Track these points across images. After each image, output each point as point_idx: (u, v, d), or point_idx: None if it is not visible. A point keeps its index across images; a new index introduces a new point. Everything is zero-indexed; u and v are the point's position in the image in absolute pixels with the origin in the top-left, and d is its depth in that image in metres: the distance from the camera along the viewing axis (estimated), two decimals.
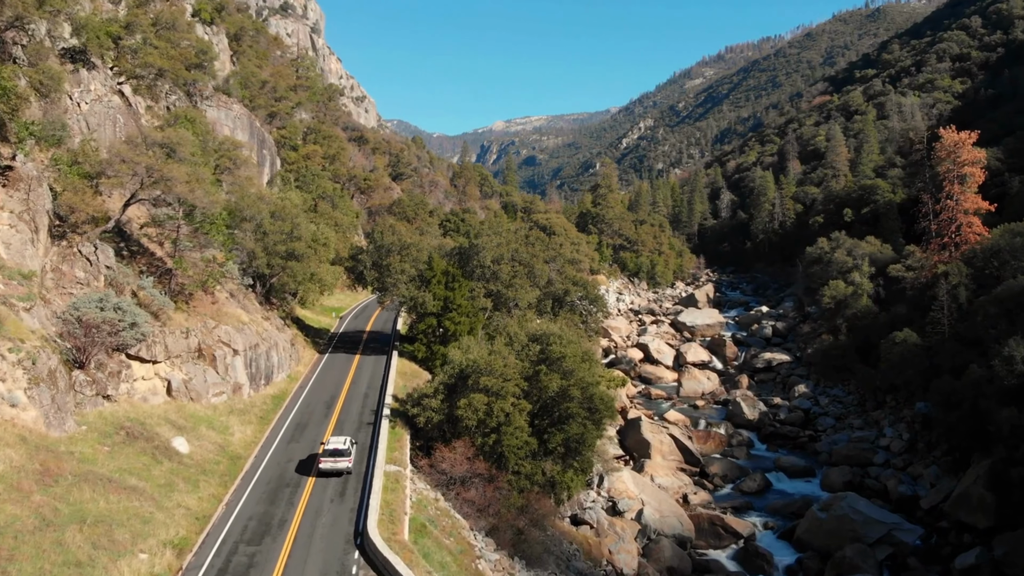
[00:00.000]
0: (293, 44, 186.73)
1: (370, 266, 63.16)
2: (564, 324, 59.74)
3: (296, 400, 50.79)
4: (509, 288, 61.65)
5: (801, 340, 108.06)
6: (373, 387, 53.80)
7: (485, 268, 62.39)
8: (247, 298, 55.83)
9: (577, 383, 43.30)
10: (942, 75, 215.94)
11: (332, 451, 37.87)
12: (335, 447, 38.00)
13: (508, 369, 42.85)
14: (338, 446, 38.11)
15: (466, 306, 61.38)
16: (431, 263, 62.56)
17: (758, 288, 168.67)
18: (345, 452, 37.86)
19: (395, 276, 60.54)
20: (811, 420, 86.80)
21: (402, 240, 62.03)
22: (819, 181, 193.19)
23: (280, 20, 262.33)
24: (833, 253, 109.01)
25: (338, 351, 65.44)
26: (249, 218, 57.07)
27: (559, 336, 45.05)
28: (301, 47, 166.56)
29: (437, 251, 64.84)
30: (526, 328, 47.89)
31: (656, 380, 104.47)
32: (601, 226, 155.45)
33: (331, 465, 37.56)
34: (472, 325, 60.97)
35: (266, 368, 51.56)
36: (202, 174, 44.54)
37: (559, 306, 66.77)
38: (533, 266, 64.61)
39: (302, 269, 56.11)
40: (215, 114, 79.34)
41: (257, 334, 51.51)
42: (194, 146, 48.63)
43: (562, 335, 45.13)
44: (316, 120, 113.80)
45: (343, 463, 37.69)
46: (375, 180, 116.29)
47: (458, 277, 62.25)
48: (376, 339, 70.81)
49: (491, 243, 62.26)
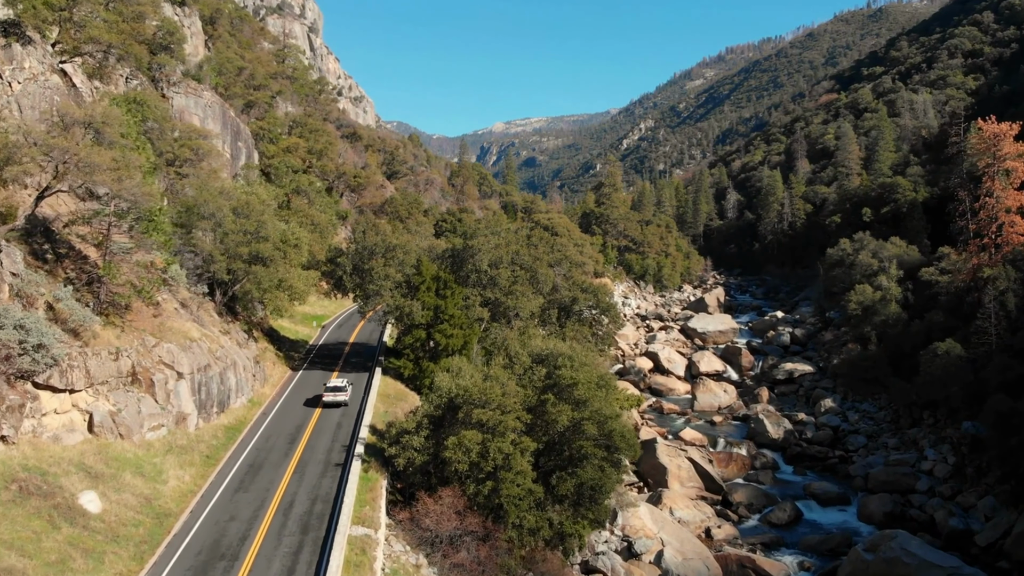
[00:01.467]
0: (279, 33, 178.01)
1: (350, 271, 54.77)
2: (574, 340, 51.21)
3: (255, 432, 42.21)
4: (509, 296, 53.25)
5: (824, 349, 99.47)
6: (348, 414, 45.24)
7: (481, 273, 53.98)
8: (202, 309, 47.32)
9: (592, 416, 34.74)
10: (954, 71, 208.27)
11: (333, 388, 47.61)
12: (335, 385, 47.88)
13: (507, 399, 34.33)
14: (338, 384, 48.02)
15: (459, 316, 52.87)
16: (420, 267, 54.07)
17: (769, 291, 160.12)
18: (343, 388, 47.67)
19: (378, 282, 52.12)
20: (840, 438, 78.36)
21: (387, 241, 53.57)
22: (830, 180, 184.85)
23: (278, 19, 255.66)
24: (857, 255, 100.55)
25: (314, 367, 56.87)
26: (207, 216, 48.57)
27: (569, 357, 36.51)
28: (288, 35, 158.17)
29: (427, 253, 56.46)
30: (529, 346, 39.31)
31: (667, 392, 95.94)
32: (605, 226, 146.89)
33: (332, 398, 47.11)
34: (466, 338, 52.46)
35: (220, 393, 43.01)
36: (134, 160, 35.98)
37: (566, 316, 58.20)
38: (536, 270, 56.17)
39: (268, 275, 47.68)
40: (183, 102, 70.85)
41: (210, 352, 42.94)
42: (128, 127, 40.16)
43: (573, 356, 36.57)
44: (303, 114, 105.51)
45: (342, 396, 47.22)
46: (366, 177, 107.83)
47: (450, 283, 53.75)
48: (359, 353, 62.28)
49: (488, 244, 53.86)
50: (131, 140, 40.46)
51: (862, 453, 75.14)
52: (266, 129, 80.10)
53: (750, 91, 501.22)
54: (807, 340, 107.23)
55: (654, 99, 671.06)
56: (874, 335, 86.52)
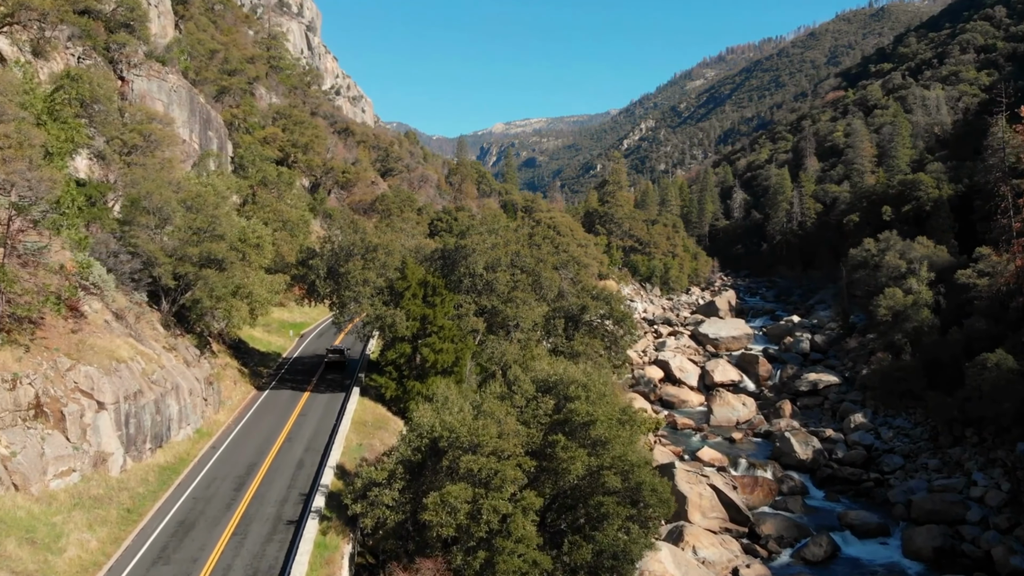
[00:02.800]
0: (264, 18, 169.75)
1: (324, 275, 46.80)
2: (585, 357, 43.20)
3: (197, 473, 34.17)
4: (508, 304, 45.31)
5: (848, 357, 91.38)
6: (315, 448, 37.21)
7: (476, 277, 46.03)
8: (143, 321, 39.32)
9: (615, 464, 26.77)
10: (967, 67, 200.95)
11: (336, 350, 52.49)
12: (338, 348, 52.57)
13: (506, 441, 26.34)
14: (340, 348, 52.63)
15: (450, 328, 44.87)
16: (404, 270, 46.05)
17: (780, 294, 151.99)
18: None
19: (355, 288, 44.16)
20: (874, 458, 70.37)
21: (366, 239, 45.53)
22: (840, 178, 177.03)
23: (275, 17, 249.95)
24: (882, 256, 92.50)
25: (283, 386, 48.82)
26: (152, 210, 40.55)
27: (584, 386, 28.50)
28: (274, 24, 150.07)
29: (413, 254, 48.47)
30: (532, 370, 31.28)
31: (679, 404, 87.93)
32: (610, 226, 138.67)
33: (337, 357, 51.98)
34: (459, 353, 44.45)
35: (156, 425, 35.01)
36: (34, 137, 28.00)
37: (574, 327, 49.99)
38: (539, 274, 48.21)
39: (222, 280, 39.72)
40: (145, 85, 62.84)
41: (143, 375, 34.92)
42: (34, 100, 32.18)
43: (589, 383, 28.56)
44: (288, 105, 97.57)
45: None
46: (356, 173, 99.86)
47: (440, 289, 45.75)
48: (338, 367, 54.25)
49: (484, 244, 45.94)
50: (36, 111, 32.43)
51: (900, 476, 67.27)
52: (241, 118, 72.13)
53: (752, 91, 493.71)
54: (828, 347, 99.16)
55: (654, 99, 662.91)
56: (907, 344, 78.43)
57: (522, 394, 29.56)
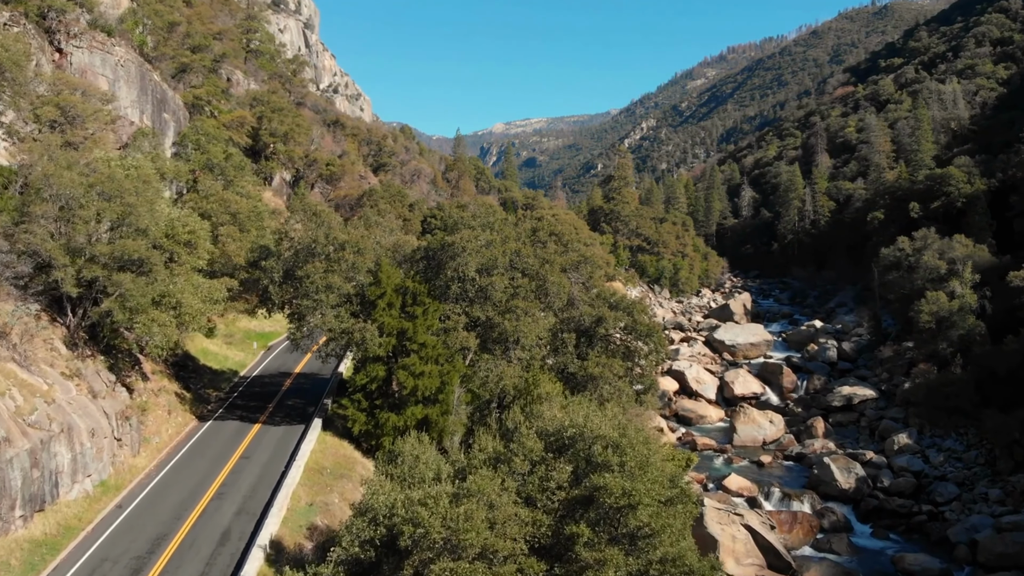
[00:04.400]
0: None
1: (279, 279, 37.56)
2: (607, 393, 33.85)
3: (82, 551, 24.84)
4: (506, 315, 36.03)
5: (883, 367, 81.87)
6: (250, 511, 27.89)
7: (467, 282, 36.78)
8: (36, 340, 30.03)
9: (666, 570, 17.39)
10: (983, 60, 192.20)
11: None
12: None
13: (500, 537, 17.05)
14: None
15: (434, 345, 35.58)
16: (378, 274, 36.71)
17: (795, 296, 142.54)
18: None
19: (315, 296, 34.98)
20: (924, 487, 61.12)
21: (331, 235, 36.19)
22: (854, 175, 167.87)
23: (272, 15, 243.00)
24: (919, 256, 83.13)
25: (231, 415, 39.49)
26: (50, 198, 31.26)
27: (614, 445, 19.14)
28: (253, 3, 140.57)
29: (390, 254, 39.22)
30: (540, 416, 21.93)
31: (697, 420, 78.62)
32: (616, 224, 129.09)
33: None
34: (444, 378, 35.14)
35: (32, 482, 25.73)
36: None
37: (587, 344, 40.47)
38: (545, 278, 38.87)
39: (139, 287, 30.58)
40: (86, 59, 53.51)
41: (13, 416, 25.64)
42: None
43: (622, 442, 19.20)
44: (267, 90, 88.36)
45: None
46: (341, 166, 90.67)
47: (422, 297, 36.44)
48: (302, 390, 44.90)
49: (476, 242, 36.67)
50: None
51: (956, 508, 58.02)
52: (205, 100, 62.95)
53: (754, 89, 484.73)
54: (857, 355, 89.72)
55: (655, 99, 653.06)
56: (956, 354, 69.07)
57: (524, 454, 20.22)
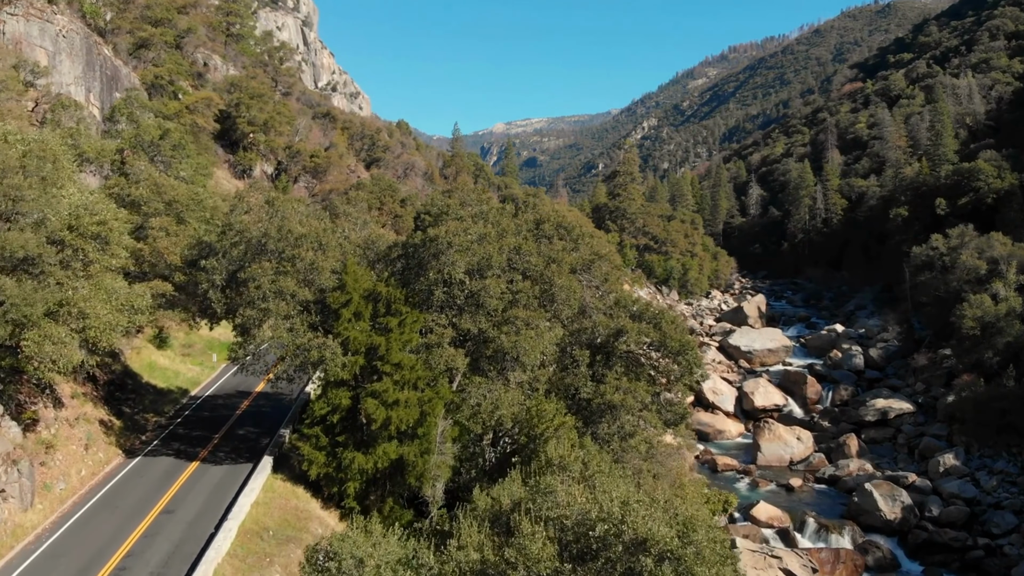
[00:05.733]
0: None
1: (222, 283, 29.95)
2: (633, 428, 26.36)
3: None
4: (503, 327, 28.40)
5: (917, 377, 74.11)
6: None
7: (454, 286, 29.15)
8: None
9: None
10: (998, 54, 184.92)
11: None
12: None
13: None
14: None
15: (412, 367, 27.93)
16: (344, 277, 29.10)
17: (809, 297, 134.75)
18: None
19: (262, 304, 27.44)
20: (977, 515, 53.51)
21: (284, 227, 28.53)
22: (867, 172, 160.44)
23: (270, 13, 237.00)
24: (956, 255, 75.46)
25: (166, 449, 31.92)
26: None
27: (674, 553, 11.38)
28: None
29: (360, 252, 31.59)
30: (553, 492, 14.29)
31: (715, 436, 71.00)
32: (622, 222, 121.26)
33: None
34: (425, 407, 27.50)
35: None
36: None
37: (604, 362, 32.52)
38: (552, 281, 31.17)
39: (25, 295, 23.14)
40: (21, 28, 45.88)
41: None
42: None
43: (692, 550, 11.50)
44: (245, 76, 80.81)
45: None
46: (327, 159, 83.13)
47: (398, 304, 28.85)
48: (260, 416, 37.27)
49: (466, 237, 29.03)
50: None
51: (1016, 541, 50.51)
52: (164, 79, 55.29)
53: (756, 88, 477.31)
54: (886, 363, 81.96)
55: (656, 98, 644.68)
56: (1008, 365, 61.38)
57: (528, 566, 12.56)
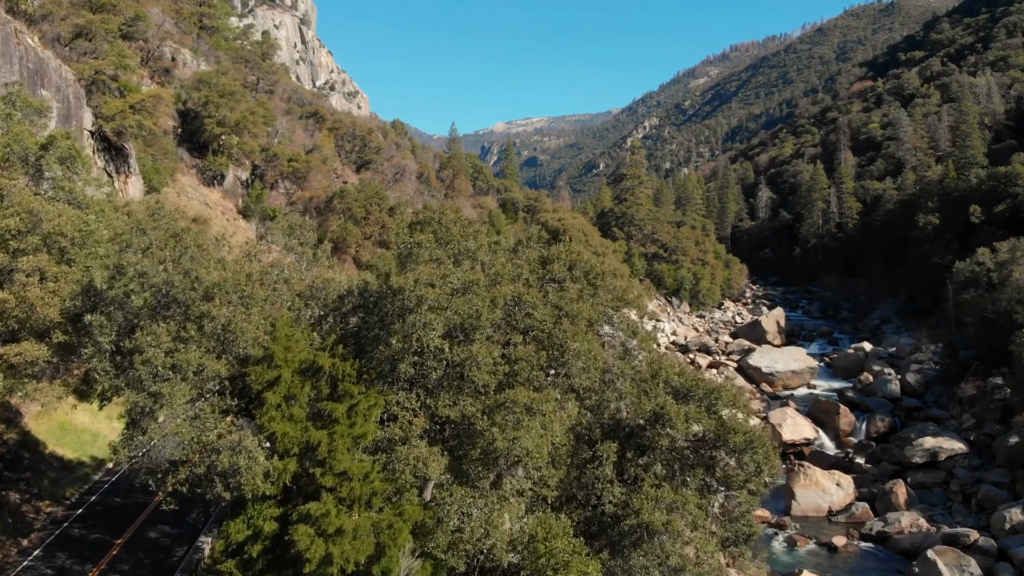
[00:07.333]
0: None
1: (111, 346, 21.64)
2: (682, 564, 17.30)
3: None
4: (495, 415, 19.88)
5: (965, 409, 65.45)
6: None
7: (428, 355, 20.73)
8: None
9: None
10: (1016, 52, 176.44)
11: None
12: None
13: None
14: None
15: (365, 475, 19.29)
16: (271, 346, 20.45)
17: (826, 308, 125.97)
18: None
19: (156, 383, 19.09)
20: None
21: (188, 269, 20.11)
22: (882, 174, 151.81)
23: (268, 11, 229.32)
24: (1008, 271, 66.90)
25: (49, 562, 23.38)
26: None
27: None
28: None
29: (301, 303, 23.06)
30: None
31: None
32: (629, 229, 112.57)
33: None
34: (382, 536, 18.87)
35: None
36: None
37: (636, 457, 22.63)
38: (564, 344, 22.62)
39: None
40: None
41: None
42: None
43: None
44: (215, 70, 72.29)
45: None
46: (307, 162, 74.66)
47: (347, 382, 20.23)
48: (183, 504, 28.72)
49: (444, 288, 20.59)
50: None
51: None
52: (108, 74, 46.97)
53: (758, 87, 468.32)
54: (925, 390, 73.33)
55: (657, 97, 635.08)
56: None
57: None
